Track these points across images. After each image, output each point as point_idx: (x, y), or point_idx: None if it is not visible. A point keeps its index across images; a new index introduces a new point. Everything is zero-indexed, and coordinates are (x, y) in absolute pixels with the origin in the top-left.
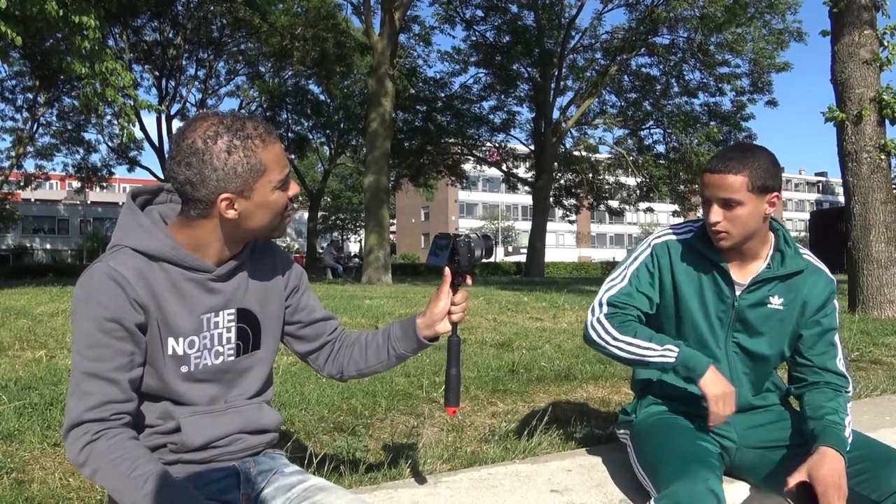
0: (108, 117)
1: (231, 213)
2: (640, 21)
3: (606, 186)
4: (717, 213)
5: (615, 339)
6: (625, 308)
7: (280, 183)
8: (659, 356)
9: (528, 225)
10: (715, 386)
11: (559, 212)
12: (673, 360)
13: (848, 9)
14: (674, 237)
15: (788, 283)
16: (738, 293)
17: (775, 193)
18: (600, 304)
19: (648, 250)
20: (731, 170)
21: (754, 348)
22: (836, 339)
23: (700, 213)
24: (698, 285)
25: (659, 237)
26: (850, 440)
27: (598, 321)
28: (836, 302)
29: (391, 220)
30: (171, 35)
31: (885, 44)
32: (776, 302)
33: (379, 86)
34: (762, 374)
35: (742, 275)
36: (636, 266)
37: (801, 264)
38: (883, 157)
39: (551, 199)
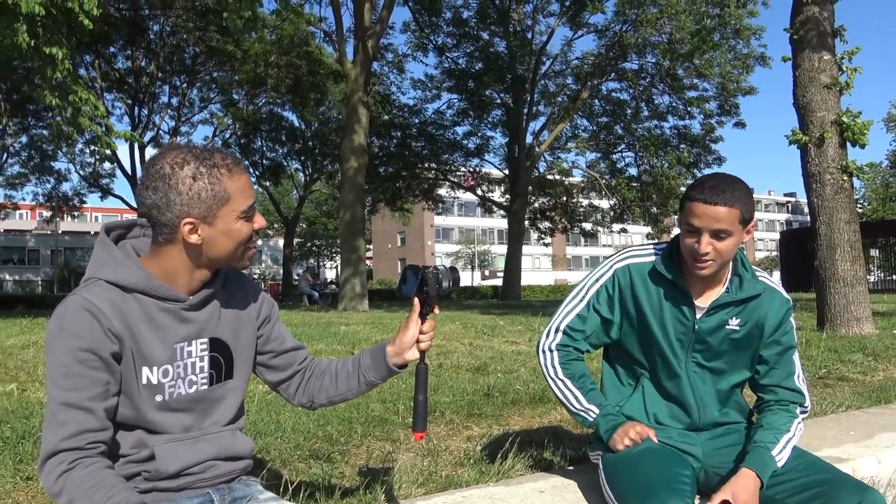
0: (80, 145)
1: (194, 238)
2: (610, 47)
3: (580, 209)
4: (708, 244)
5: (556, 374)
6: (576, 341)
7: (244, 213)
8: (582, 411)
9: (504, 249)
10: (614, 437)
11: (535, 235)
12: (590, 420)
13: (807, 36)
14: (636, 260)
15: (746, 306)
16: (698, 316)
17: (753, 223)
18: (556, 330)
19: (609, 273)
20: (726, 202)
21: (715, 369)
22: (795, 356)
23: (672, 235)
24: (659, 308)
25: (622, 260)
26: (780, 458)
27: (550, 349)
28: (792, 319)
29: (367, 246)
30: (143, 63)
31: (844, 68)
32: (734, 323)
33: (353, 113)
34: (725, 394)
35: (702, 298)
36: (596, 288)
37: (758, 288)
38: (846, 177)
39: (526, 223)
